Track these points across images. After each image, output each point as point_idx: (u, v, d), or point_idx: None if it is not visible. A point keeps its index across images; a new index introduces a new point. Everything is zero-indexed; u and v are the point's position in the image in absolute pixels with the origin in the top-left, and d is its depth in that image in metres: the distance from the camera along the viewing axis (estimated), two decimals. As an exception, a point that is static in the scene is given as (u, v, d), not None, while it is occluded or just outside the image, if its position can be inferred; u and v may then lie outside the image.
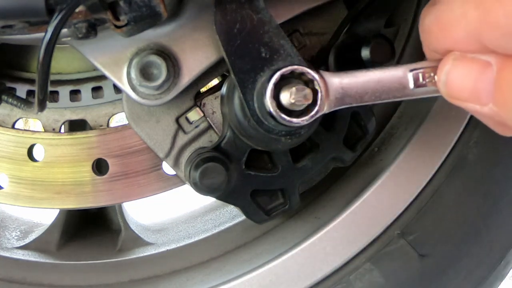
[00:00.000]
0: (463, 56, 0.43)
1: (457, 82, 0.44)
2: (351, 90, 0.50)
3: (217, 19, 0.55)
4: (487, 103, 0.42)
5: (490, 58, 0.42)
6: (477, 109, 0.43)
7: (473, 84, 0.42)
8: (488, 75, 0.41)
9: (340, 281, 0.74)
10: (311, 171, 0.68)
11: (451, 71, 0.44)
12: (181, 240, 0.91)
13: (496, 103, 0.41)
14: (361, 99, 0.50)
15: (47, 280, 0.84)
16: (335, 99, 0.51)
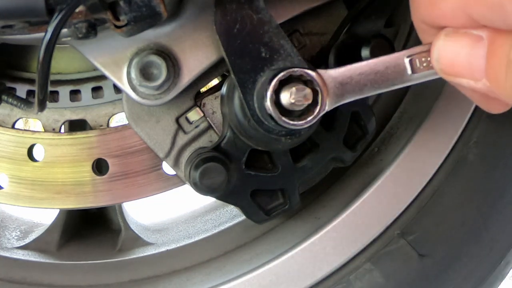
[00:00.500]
0: (455, 31, 0.43)
1: (450, 57, 0.43)
2: (350, 85, 0.50)
3: (217, 19, 0.55)
4: (480, 78, 0.42)
5: (482, 33, 0.41)
6: (471, 84, 0.43)
7: (466, 59, 0.42)
8: (480, 49, 0.41)
9: (340, 281, 0.74)
10: (311, 171, 0.68)
11: (443, 47, 0.44)
12: (181, 240, 0.91)
13: (488, 78, 0.41)
14: (361, 91, 0.50)
15: (47, 280, 0.84)
16: (335, 96, 0.51)
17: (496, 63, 0.40)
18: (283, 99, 0.51)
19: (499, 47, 0.40)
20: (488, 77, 0.41)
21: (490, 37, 0.41)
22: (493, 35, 0.41)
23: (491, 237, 0.75)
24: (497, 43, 0.40)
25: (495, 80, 0.41)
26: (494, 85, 0.41)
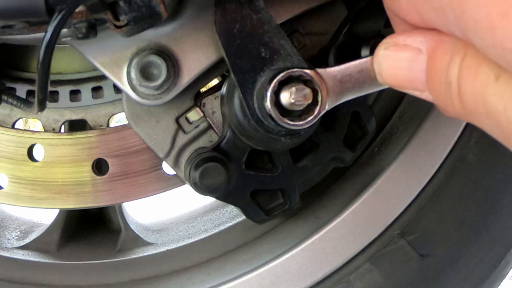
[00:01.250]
0: (395, 43, 0.42)
1: (391, 70, 0.42)
2: (350, 82, 0.50)
3: (217, 19, 0.55)
4: (424, 90, 0.41)
5: (421, 45, 0.40)
6: (417, 94, 0.42)
7: (406, 72, 0.41)
8: (420, 64, 0.40)
9: (340, 281, 0.74)
10: (311, 171, 0.68)
11: (383, 59, 0.43)
12: (181, 240, 0.91)
13: (430, 91, 0.40)
14: (361, 89, 0.50)
15: (47, 280, 0.84)
16: (335, 94, 0.51)
17: (435, 78, 0.39)
18: (283, 99, 0.51)
19: (438, 62, 0.39)
20: (430, 91, 0.40)
21: (429, 50, 0.40)
22: (433, 47, 0.39)
23: (491, 237, 0.75)
24: (437, 58, 0.39)
25: (436, 95, 0.40)
26: (436, 99, 0.40)
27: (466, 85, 0.36)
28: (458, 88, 0.37)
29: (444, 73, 0.38)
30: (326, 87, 0.50)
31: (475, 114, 0.37)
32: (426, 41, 0.40)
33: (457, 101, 0.37)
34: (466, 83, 0.36)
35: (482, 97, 0.35)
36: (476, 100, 0.36)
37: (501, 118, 0.35)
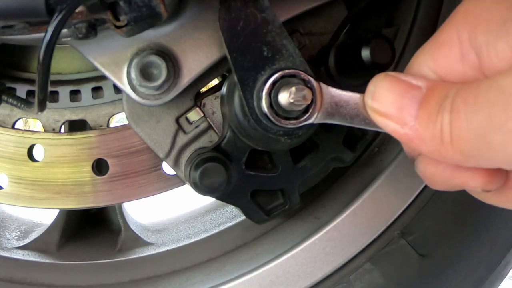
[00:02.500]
0: (398, 75, 0.43)
1: (383, 94, 0.43)
2: (344, 109, 0.50)
3: (221, 16, 0.55)
4: (408, 122, 0.41)
5: (421, 83, 0.42)
6: (397, 129, 0.42)
7: (399, 99, 0.42)
8: (415, 95, 0.42)
9: (340, 281, 0.74)
10: (311, 171, 0.68)
11: (381, 82, 0.44)
12: (181, 240, 0.91)
13: (419, 122, 0.41)
14: (351, 120, 0.50)
15: (47, 280, 0.84)
16: (326, 112, 0.51)
17: (430, 109, 0.40)
18: (282, 99, 0.51)
19: (436, 95, 0.40)
20: (419, 122, 0.41)
21: (428, 87, 0.41)
22: (433, 85, 0.41)
23: (491, 237, 0.75)
24: (435, 92, 0.41)
25: (425, 128, 0.40)
26: (422, 133, 0.41)
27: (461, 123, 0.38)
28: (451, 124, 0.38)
29: (441, 103, 0.39)
30: (321, 100, 0.51)
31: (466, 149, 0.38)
32: (427, 81, 0.42)
33: (448, 134, 0.39)
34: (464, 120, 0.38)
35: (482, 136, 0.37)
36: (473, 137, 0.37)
37: (497, 158, 0.37)
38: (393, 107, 0.42)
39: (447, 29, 0.42)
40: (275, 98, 0.52)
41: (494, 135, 0.36)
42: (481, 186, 0.42)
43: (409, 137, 0.42)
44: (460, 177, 0.43)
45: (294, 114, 0.52)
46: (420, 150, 0.43)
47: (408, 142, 0.42)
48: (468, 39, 0.40)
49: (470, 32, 0.40)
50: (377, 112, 0.44)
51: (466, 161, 0.39)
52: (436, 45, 0.43)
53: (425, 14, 0.85)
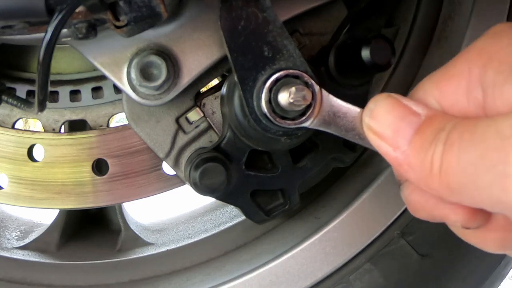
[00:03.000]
0: (400, 98, 0.44)
1: (381, 113, 0.43)
2: (341, 120, 0.50)
3: (222, 15, 0.55)
4: (401, 147, 0.42)
5: (421, 111, 0.42)
6: (388, 152, 0.43)
7: (396, 121, 0.42)
8: (413, 121, 0.42)
9: (340, 281, 0.74)
10: (311, 171, 0.68)
11: (381, 102, 0.44)
12: (181, 240, 0.91)
13: (411, 148, 0.41)
14: (346, 133, 0.50)
15: (47, 280, 0.84)
16: (323, 119, 0.51)
17: (426, 136, 0.40)
18: (282, 99, 0.51)
19: (433, 126, 0.41)
20: (411, 148, 0.41)
21: (428, 116, 0.42)
22: (433, 115, 0.42)
23: (491, 237, 0.75)
24: (433, 122, 0.41)
25: (416, 154, 0.41)
26: (413, 159, 0.41)
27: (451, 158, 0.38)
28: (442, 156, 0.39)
29: (436, 134, 0.40)
30: (320, 107, 0.51)
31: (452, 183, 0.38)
32: (427, 110, 0.42)
33: (438, 166, 0.39)
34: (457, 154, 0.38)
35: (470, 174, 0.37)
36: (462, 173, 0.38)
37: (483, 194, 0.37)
38: (389, 129, 0.42)
39: (459, 62, 0.42)
40: (274, 97, 0.52)
41: (483, 175, 0.36)
42: (462, 222, 0.42)
43: (399, 162, 0.42)
44: (443, 209, 0.43)
45: (293, 114, 0.52)
46: (407, 177, 0.43)
47: (397, 166, 0.43)
48: (477, 75, 0.40)
49: (481, 68, 0.40)
50: (373, 131, 0.44)
51: (451, 195, 0.39)
52: (446, 76, 0.43)
53: (425, 14, 0.85)
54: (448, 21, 0.81)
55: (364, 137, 0.47)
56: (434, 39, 0.84)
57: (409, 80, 0.85)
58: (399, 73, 0.86)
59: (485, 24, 0.75)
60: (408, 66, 0.86)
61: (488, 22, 0.75)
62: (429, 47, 0.84)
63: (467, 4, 0.76)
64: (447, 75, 0.43)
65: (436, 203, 0.44)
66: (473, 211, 0.42)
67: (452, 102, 0.42)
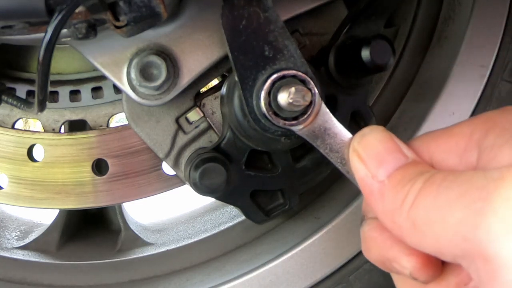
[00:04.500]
0: (392, 137, 0.44)
1: (373, 142, 0.44)
2: (328, 139, 0.51)
3: (224, 14, 0.55)
4: (379, 176, 0.42)
5: (410, 155, 0.43)
6: (366, 177, 0.43)
7: (384, 154, 0.43)
8: (401, 157, 0.42)
9: (340, 281, 0.74)
10: (311, 171, 0.68)
11: (376, 131, 0.45)
12: (180, 240, 0.91)
13: (391, 179, 0.41)
14: (329, 153, 0.50)
15: (47, 280, 0.84)
16: (312, 131, 0.51)
17: (407, 173, 0.41)
18: (281, 99, 0.51)
19: (418, 166, 0.42)
20: (389, 180, 0.41)
21: (415, 160, 0.42)
22: (419, 161, 0.43)
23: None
24: (418, 164, 0.42)
25: (393, 186, 0.41)
26: (388, 187, 0.41)
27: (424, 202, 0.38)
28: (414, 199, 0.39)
29: (416, 176, 0.40)
30: (314, 117, 0.51)
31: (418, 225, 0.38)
32: (416, 158, 0.43)
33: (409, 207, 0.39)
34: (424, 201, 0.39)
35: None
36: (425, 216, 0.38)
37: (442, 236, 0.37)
38: (374, 157, 0.43)
39: (464, 125, 0.43)
40: (274, 97, 0.52)
41: (457, 211, 0.35)
42: (412, 269, 0.41)
43: (372, 189, 0.42)
44: (397, 251, 0.43)
45: (291, 115, 0.52)
46: (374, 207, 0.43)
47: (368, 194, 0.43)
48: (478, 139, 0.41)
49: (483, 133, 0.41)
50: (358, 155, 0.44)
51: (412, 234, 0.39)
52: (446, 134, 0.44)
53: (425, 14, 0.85)
54: (448, 21, 0.81)
55: (345, 163, 0.48)
56: (434, 39, 0.84)
57: (409, 80, 0.85)
58: (399, 73, 0.86)
59: (485, 24, 0.75)
60: (408, 66, 0.86)
61: (488, 22, 0.75)
62: (429, 47, 0.84)
63: (467, 4, 0.76)
64: (449, 133, 0.44)
65: (392, 244, 0.43)
66: (426, 259, 0.41)
67: (444, 158, 0.43)
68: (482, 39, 0.75)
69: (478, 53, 0.75)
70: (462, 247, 0.36)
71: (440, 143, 0.43)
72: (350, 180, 0.48)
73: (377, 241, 0.45)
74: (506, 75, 0.74)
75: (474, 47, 0.75)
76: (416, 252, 0.41)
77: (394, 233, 0.41)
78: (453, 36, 0.79)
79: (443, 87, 0.76)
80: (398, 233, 0.41)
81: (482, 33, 0.75)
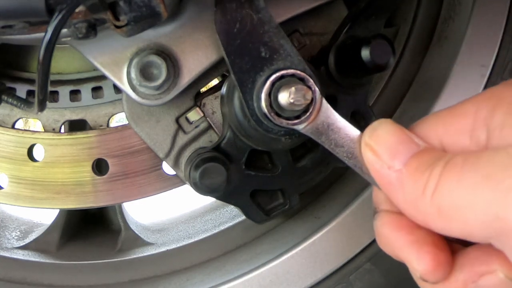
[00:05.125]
0: (401, 127, 0.44)
1: (384, 135, 0.44)
2: (333, 134, 0.51)
3: (217, 18, 0.55)
4: (397, 166, 0.41)
5: (421, 143, 0.43)
6: (383, 169, 0.42)
7: (396, 145, 0.42)
8: (413, 146, 0.42)
9: (340, 281, 0.74)
10: (311, 171, 0.68)
11: (386, 124, 0.44)
12: (181, 240, 0.91)
13: (407, 168, 0.41)
14: (335, 148, 0.50)
15: (47, 280, 0.84)
16: (316, 128, 0.51)
17: (423, 159, 0.41)
18: (282, 99, 0.51)
19: (432, 152, 0.42)
20: (406, 168, 0.41)
21: (427, 147, 0.42)
22: (431, 148, 0.42)
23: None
24: (431, 150, 0.42)
25: (412, 174, 0.40)
26: (406, 175, 0.41)
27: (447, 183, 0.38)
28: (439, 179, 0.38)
29: (433, 161, 0.40)
30: (316, 114, 0.51)
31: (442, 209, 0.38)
32: (427, 145, 0.43)
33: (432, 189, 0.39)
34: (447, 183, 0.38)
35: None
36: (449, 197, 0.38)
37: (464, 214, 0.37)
38: (387, 148, 0.43)
39: (467, 103, 0.43)
40: (275, 98, 0.52)
41: (484, 193, 0.35)
42: (422, 272, 0.41)
43: (390, 179, 0.42)
44: (408, 254, 0.43)
45: (295, 114, 0.52)
46: (394, 197, 0.42)
47: (386, 184, 0.42)
48: (484, 117, 0.40)
49: (489, 110, 0.40)
50: (370, 148, 0.44)
51: (437, 220, 0.39)
52: (452, 114, 0.43)
53: (425, 14, 0.85)
54: (448, 21, 0.81)
55: (352, 156, 0.48)
56: (434, 39, 0.84)
57: (409, 80, 0.85)
58: (399, 73, 0.86)
59: (485, 24, 0.75)
60: (408, 66, 0.86)
61: (488, 21, 0.75)
62: (429, 47, 0.84)
63: (467, 4, 0.76)
64: (454, 114, 0.43)
65: (404, 245, 0.43)
66: (436, 263, 0.41)
67: (454, 140, 0.42)
68: (482, 38, 0.75)
69: (478, 52, 0.75)
70: (495, 227, 0.36)
71: (447, 126, 0.43)
72: (359, 173, 0.48)
73: (389, 239, 0.45)
74: (506, 75, 0.74)
75: (474, 47, 0.75)
76: (427, 254, 0.41)
77: (418, 221, 0.41)
78: (453, 36, 0.79)
79: (443, 87, 0.76)
80: (422, 220, 0.40)
81: (482, 33, 0.75)
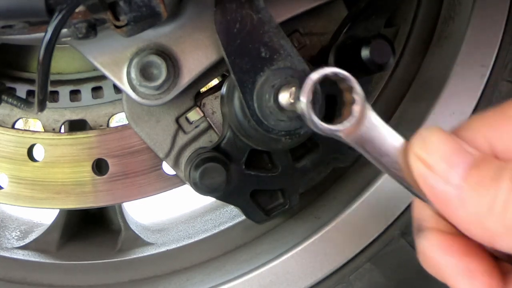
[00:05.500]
0: (449, 134, 0.40)
1: (437, 145, 0.39)
2: (378, 142, 0.44)
3: (217, 19, 0.55)
4: (453, 180, 0.37)
5: (473, 151, 0.38)
6: (438, 183, 0.38)
7: (453, 152, 0.39)
8: (467, 155, 0.38)
9: (340, 281, 0.74)
10: (311, 171, 0.68)
11: (436, 132, 0.40)
12: (181, 240, 0.91)
13: (468, 182, 0.37)
14: (379, 157, 0.44)
15: (47, 280, 0.84)
16: (360, 136, 0.43)
17: (484, 172, 0.37)
18: (282, 99, 0.51)
19: (489, 162, 0.38)
20: (467, 182, 0.37)
21: (480, 157, 0.38)
22: (485, 157, 0.38)
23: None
24: (488, 161, 0.38)
25: (475, 188, 0.36)
26: (468, 191, 0.37)
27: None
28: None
29: (495, 175, 0.36)
30: (362, 119, 0.44)
31: None
32: (479, 153, 0.39)
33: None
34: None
35: None
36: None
37: None
38: (442, 160, 0.38)
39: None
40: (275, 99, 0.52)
41: None
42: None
43: (449, 196, 0.37)
44: (458, 282, 0.39)
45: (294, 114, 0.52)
46: (453, 215, 0.38)
47: (444, 202, 0.38)
48: None
49: None
50: (422, 160, 0.39)
51: (505, 238, 0.35)
52: (502, 116, 0.39)
53: (425, 14, 0.85)
54: (448, 21, 0.81)
55: (398, 166, 0.43)
56: (434, 39, 0.84)
57: (409, 80, 0.85)
58: (399, 73, 0.86)
59: (485, 24, 0.75)
60: (408, 66, 0.86)
61: (488, 22, 0.75)
62: (429, 47, 0.84)
63: (467, 4, 0.76)
64: (504, 116, 0.39)
65: (454, 273, 0.40)
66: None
67: (508, 146, 0.38)
68: (482, 39, 0.75)
69: (478, 53, 0.75)
70: None
71: (499, 129, 0.39)
72: (402, 186, 0.42)
73: (437, 263, 0.42)
74: (506, 75, 0.74)
75: (474, 47, 0.75)
76: (480, 286, 0.38)
77: (482, 240, 0.38)
78: (453, 36, 0.79)
79: (443, 87, 0.76)
80: (487, 239, 0.37)
81: (482, 33, 0.75)
